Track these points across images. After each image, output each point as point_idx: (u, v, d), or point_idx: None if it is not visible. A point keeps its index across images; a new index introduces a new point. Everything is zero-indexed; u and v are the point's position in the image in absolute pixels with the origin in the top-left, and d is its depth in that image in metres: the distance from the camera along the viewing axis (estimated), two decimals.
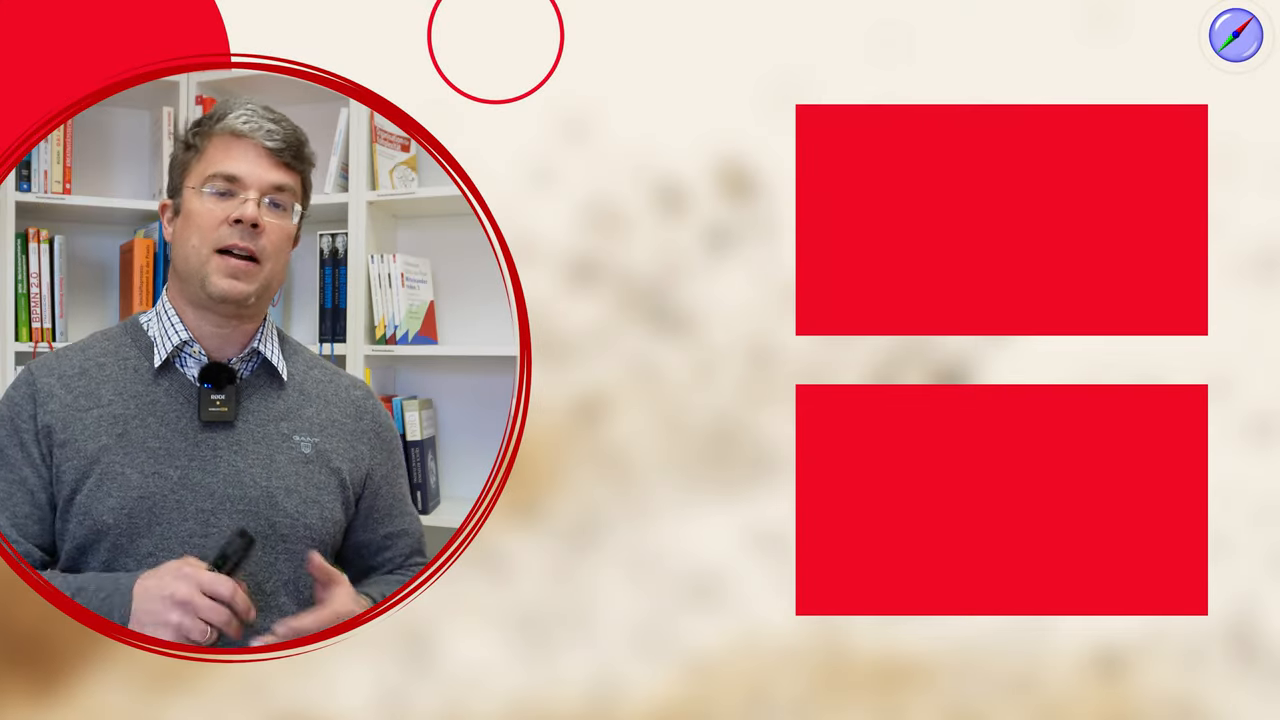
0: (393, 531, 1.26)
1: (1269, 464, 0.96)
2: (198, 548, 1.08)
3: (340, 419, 1.22)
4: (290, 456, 1.16)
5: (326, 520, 1.17)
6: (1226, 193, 0.96)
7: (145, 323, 1.20)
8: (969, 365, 0.97)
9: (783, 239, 0.97)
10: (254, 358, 1.19)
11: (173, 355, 1.16)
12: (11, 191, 2.14)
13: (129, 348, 1.18)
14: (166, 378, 1.15)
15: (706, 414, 0.97)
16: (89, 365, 1.16)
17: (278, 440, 1.17)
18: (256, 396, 1.18)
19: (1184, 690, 0.96)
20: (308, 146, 1.19)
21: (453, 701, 0.97)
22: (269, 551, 1.12)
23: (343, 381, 1.26)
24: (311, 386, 1.22)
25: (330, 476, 1.19)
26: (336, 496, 1.19)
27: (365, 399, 1.26)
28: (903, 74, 0.96)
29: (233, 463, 1.13)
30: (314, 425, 1.20)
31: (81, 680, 0.96)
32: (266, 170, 1.14)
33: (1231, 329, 0.96)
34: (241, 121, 1.13)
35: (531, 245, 0.97)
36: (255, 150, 1.14)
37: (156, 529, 1.10)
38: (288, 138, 1.15)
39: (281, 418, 1.18)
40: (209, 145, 1.15)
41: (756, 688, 0.96)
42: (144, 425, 1.13)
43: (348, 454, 1.21)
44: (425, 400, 2.26)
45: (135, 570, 1.06)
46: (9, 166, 0.98)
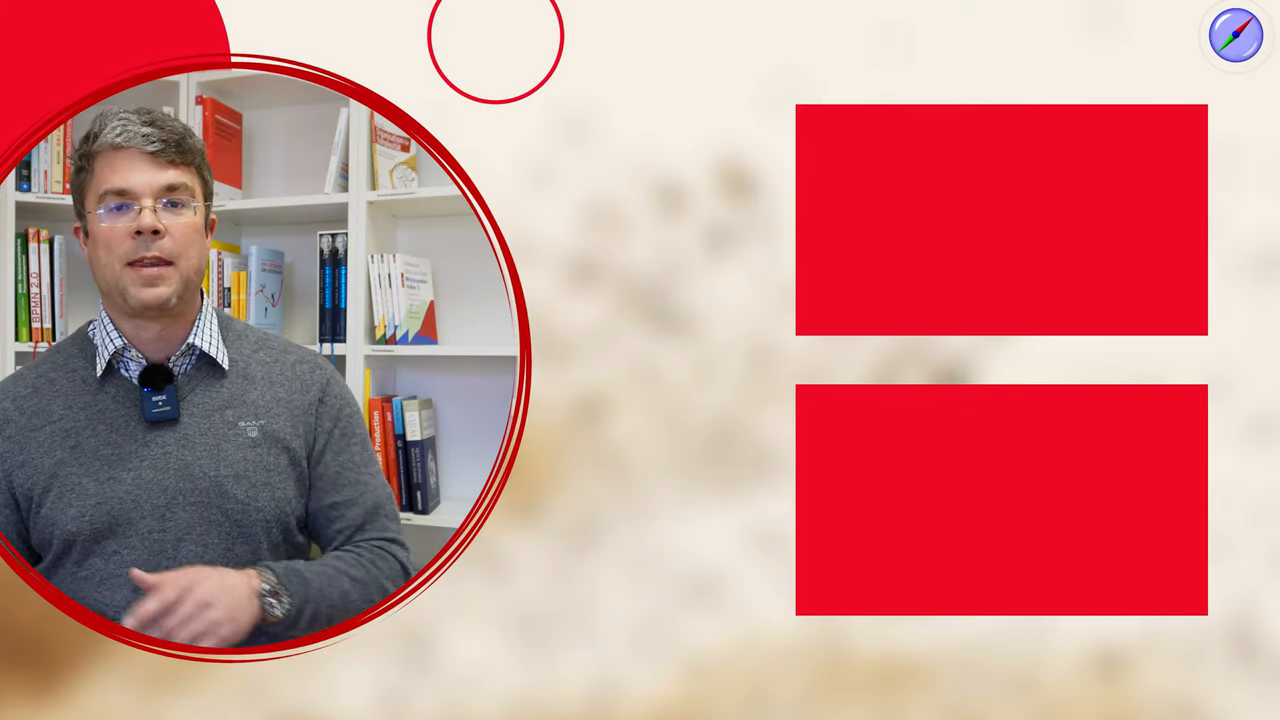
0: (339, 501, 1.26)
1: (1269, 464, 0.95)
2: (156, 542, 1.15)
3: (285, 396, 1.25)
4: (237, 443, 1.20)
5: (279, 500, 1.21)
6: (1226, 193, 0.96)
7: (91, 331, 1.24)
8: (969, 365, 0.97)
9: (783, 239, 0.97)
10: (192, 352, 1.22)
11: (114, 361, 1.21)
12: (11, 191, 2.14)
13: (77, 358, 1.23)
14: (112, 384, 1.20)
15: (706, 414, 0.97)
16: (40, 383, 1.22)
17: (223, 429, 1.20)
18: (199, 389, 1.21)
19: (1184, 690, 0.96)
20: (189, 138, 1.19)
21: (453, 701, 0.97)
22: (225, 538, 1.17)
23: (289, 359, 1.28)
24: (256, 369, 1.25)
25: (280, 455, 1.22)
26: (289, 475, 1.22)
27: (311, 372, 1.28)
28: (903, 74, 0.96)
29: (181, 457, 1.18)
30: (259, 408, 1.23)
31: (81, 680, 0.96)
32: (153, 174, 1.15)
33: (1231, 329, 0.96)
34: (117, 134, 1.15)
35: (531, 245, 0.97)
36: (138, 158, 1.15)
37: (118, 529, 1.15)
38: (166, 137, 1.16)
39: (225, 405, 1.22)
40: (96, 164, 1.17)
41: (756, 688, 0.96)
42: (95, 434, 1.18)
43: (296, 430, 1.24)
44: (425, 400, 2.26)
45: (104, 567, 1.15)
46: (9, 166, 0.98)
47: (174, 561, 1.15)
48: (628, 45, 0.97)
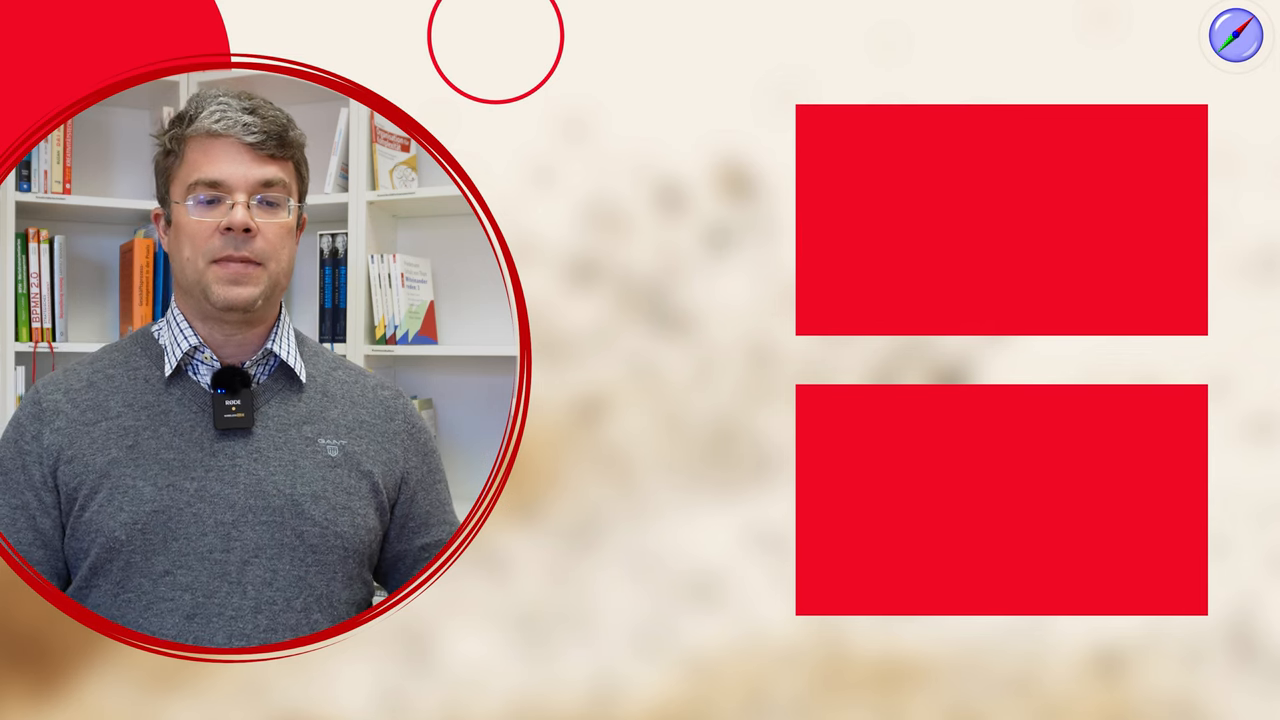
0: (429, 543, 1.17)
1: (1269, 464, 0.95)
2: (218, 564, 1.04)
3: (369, 420, 1.15)
4: (315, 461, 1.09)
5: (359, 528, 1.10)
6: (1226, 193, 0.96)
7: (155, 332, 1.15)
8: (969, 365, 0.97)
9: (783, 239, 0.97)
10: (269, 360, 1.12)
11: (184, 362, 1.10)
12: (11, 191, 2.14)
13: (139, 357, 1.12)
14: (179, 386, 1.10)
15: (706, 414, 0.97)
16: (96, 378, 1.11)
17: (301, 445, 1.10)
18: (275, 400, 1.11)
19: (1184, 690, 0.96)
20: (292, 130, 1.10)
21: (453, 701, 0.97)
22: (298, 565, 1.06)
23: (369, 382, 1.19)
24: (335, 387, 1.15)
25: (361, 480, 1.11)
26: (369, 502, 1.11)
27: (395, 399, 1.19)
28: (903, 74, 0.96)
29: (253, 471, 1.07)
30: (340, 427, 1.12)
31: (81, 680, 0.96)
32: (250, 168, 1.06)
33: (1231, 329, 0.96)
34: (215, 120, 1.06)
35: (531, 245, 0.97)
36: (235, 148, 1.06)
37: (173, 545, 1.04)
38: (268, 127, 1.07)
39: (304, 421, 1.11)
40: (187, 149, 1.08)
41: (756, 688, 0.96)
42: (156, 436, 1.07)
43: (379, 456, 1.13)
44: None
45: (152, 590, 1.03)
46: (9, 166, 0.98)
47: (238, 587, 1.04)
48: (628, 45, 0.97)
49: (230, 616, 1.02)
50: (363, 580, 1.13)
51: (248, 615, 1.04)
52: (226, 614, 1.03)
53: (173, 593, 1.03)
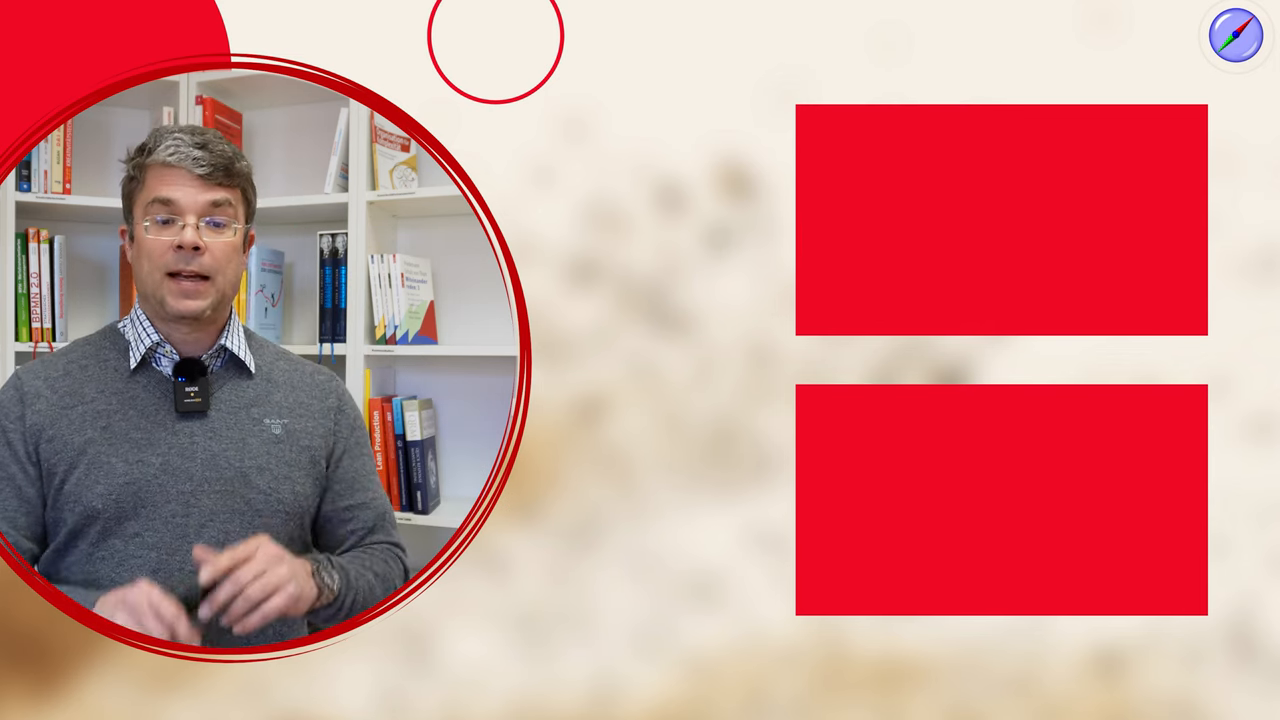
0: (353, 504, 1.34)
1: (1269, 464, 0.95)
2: (179, 526, 1.20)
3: (307, 400, 1.33)
4: (262, 439, 1.27)
5: (298, 495, 1.27)
6: (1226, 193, 0.96)
7: (121, 328, 1.31)
8: (969, 365, 0.97)
9: (783, 239, 0.97)
10: (222, 354, 1.29)
11: (148, 355, 1.26)
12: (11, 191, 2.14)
13: (108, 350, 1.28)
14: (144, 375, 1.26)
15: (706, 414, 0.97)
16: (72, 367, 1.27)
17: (249, 425, 1.27)
18: (227, 387, 1.28)
19: (1184, 690, 0.96)
20: (239, 162, 1.25)
21: (453, 701, 0.97)
22: (246, 527, 1.22)
23: (307, 369, 1.37)
24: (279, 375, 1.33)
25: (301, 454, 1.29)
26: (307, 473, 1.29)
27: (329, 381, 1.37)
28: (903, 74, 0.96)
29: (208, 447, 1.24)
30: (283, 408, 1.30)
31: (81, 680, 0.96)
32: (200, 193, 1.21)
33: (1231, 329, 0.96)
34: (170, 153, 1.21)
35: (531, 245, 0.97)
36: (186, 177, 1.21)
37: (142, 511, 1.19)
38: (215, 160, 1.22)
39: (251, 404, 1.29)
40: (147, 175, 1.23)
41: (756, 688, 0.96)
42: (126, 418, 1.23)
43: (316, 431, 1.31)
44: (425, 400, 2.26)
45: (123, 549, 1.19)
46: (9, 166, 0.98)
47: (196, 545, 1.17)
48: (627, 45, 0.97)
49: (190, 571, 1.10)
50: (302, 541, 1.30)
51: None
52: (186, 568, 1.14)
53: (141, 551, 1.19)
